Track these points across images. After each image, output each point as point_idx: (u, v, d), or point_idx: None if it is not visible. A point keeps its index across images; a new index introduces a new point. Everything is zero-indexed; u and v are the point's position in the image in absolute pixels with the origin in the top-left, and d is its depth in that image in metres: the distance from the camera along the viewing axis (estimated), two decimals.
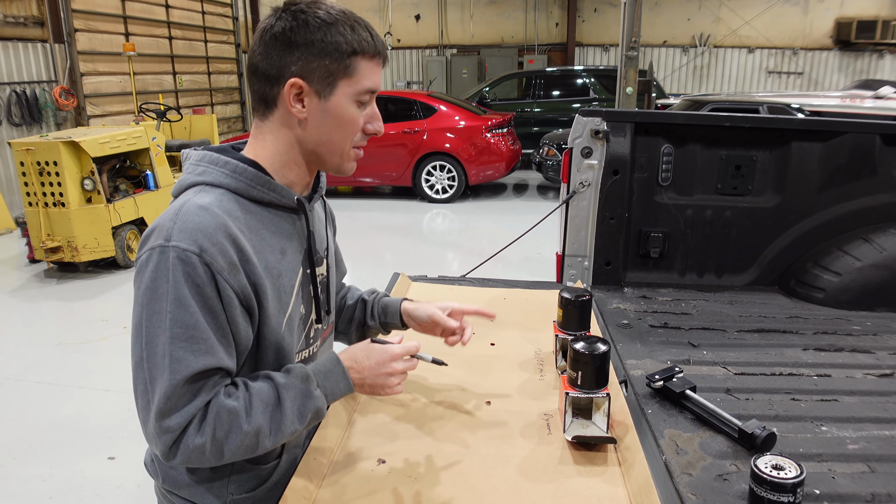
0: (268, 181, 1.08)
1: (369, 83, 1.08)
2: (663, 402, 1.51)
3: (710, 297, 2.32)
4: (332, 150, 1.11)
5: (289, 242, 1.13)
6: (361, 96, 1.08)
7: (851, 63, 13.31)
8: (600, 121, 2.32)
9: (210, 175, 1.07)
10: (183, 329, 0.96)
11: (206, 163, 1.09)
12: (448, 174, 8.76)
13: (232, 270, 1.00)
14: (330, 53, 1.04)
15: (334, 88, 1.06)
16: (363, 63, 1.07)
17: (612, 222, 2.38)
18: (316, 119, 1.08)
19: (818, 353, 1.83)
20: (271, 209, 1.11)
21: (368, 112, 1.12)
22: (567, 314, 1.55)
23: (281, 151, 1.11)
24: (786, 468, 1.08)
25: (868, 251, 2.26)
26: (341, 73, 1.05)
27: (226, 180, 1.06)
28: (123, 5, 10.22)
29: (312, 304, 1.21)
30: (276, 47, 1.04)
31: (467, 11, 14.21)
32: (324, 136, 1.09)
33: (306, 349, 1.22)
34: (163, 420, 0.96)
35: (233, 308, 1.01)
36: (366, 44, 1.06)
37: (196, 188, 1.06)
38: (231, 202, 1.05)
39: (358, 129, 1.11)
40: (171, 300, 0.96)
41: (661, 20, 13.55)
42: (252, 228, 1.06)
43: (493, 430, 1.34)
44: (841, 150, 2.31)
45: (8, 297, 5.42)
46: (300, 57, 1.04)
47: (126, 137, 5.93)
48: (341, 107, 1.07)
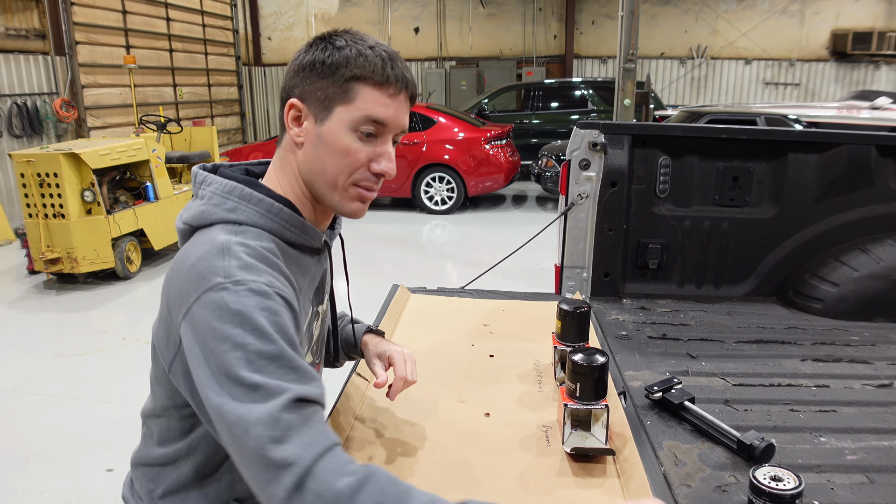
0: (301, 223, 1.04)
1: (371, 112, 0.99)
2: (662, 413, 1.51)
3: (709, 308, 2.33)
4: (325, 180, 1.02)
5: (307, 282, 1.09)
6: (361, 125, 0.99)
7: (848, 74, 13.39)
8: (598, 133, 2.33)
9: (243, 213, 1.00)
10: (269, 360, 0.85)
11: (236, 198, 1.00)
12: (447, 185, 8.78)
13: (290, 299, 0.94)
14: (329, 76, 0.99)
15: (330, 113, 0.99)
16: (366, 90, 0.99)
17: (611, 234, 2.39)
18: (311, 144, 1.02)
19: (816, 364, 1.83)
20: (298, 250, 1.06)
21: (377, 149, 1.02)
22: (566, 326, 1.56)
23: (292, 182, 1.06)
24: (784, 479, 1.08)
25: (865, 262, 2.27)
26: (339, 97, 0.99)
27: (261, 220, 1.00)
28: (124, 18, 10.28)
29: (310, 341, 1.16)
30: (291, 72, 1.03)
31: (466, 24, 14.30)
32: (317, 164, 1.02)
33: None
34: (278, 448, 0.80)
35: (300, 329, 0.97)
36: (371, 70, 0.98)
37: (227, 226, 0.98)
38: (269, 241, 0.99)
39: (357, 162, 1.01)
40: (252, 332, 0.85)
41: (659, 32, 13.64)
42: (285, 272, 1.00)
43: (491, 442, 1.34)
44: (837, 162, 2.33)
45: (7, 309, 5.42)
46: (304, 78, 1.01)
47: (126, 149, 5.95)
48: (335, 134, 0.99)
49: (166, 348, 0.99)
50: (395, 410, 1.46)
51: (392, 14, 14.33)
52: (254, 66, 14.73)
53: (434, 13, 14.29)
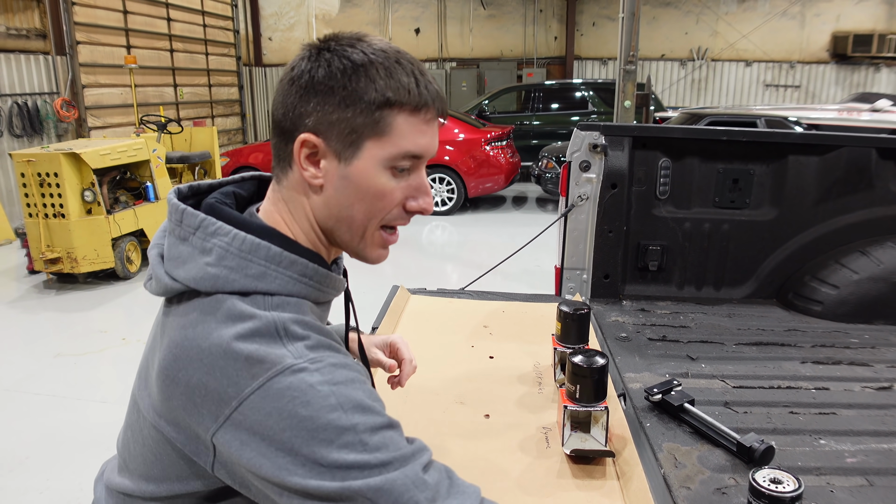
0: (330, 278, 0.88)
1: (409, 145, 0.82)
2: (662, 415, 1.51)
3: (709, 311, 2.33)
4: (353, 228, 0.86)
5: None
6: (398, 161, 0.83)
7: (848, 76, 13.40)
8: (598, 135, 2.33)
9: (274, 281, 0.81)
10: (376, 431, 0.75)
11: (262, 260, 0.81)
12: (447, 186, 8.78)
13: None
14: (354, 104, 0.80)
15: (358, 150, 0.82)
16: (401, 119, 0.81)
17: (611, 235, 2.39)
18: (334, 187, 0.84)
19: (816, 367, 1.83)
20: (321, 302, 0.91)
21: (412, 183, 0.86)
22: (566, 327, 1.56)
23: (303, 227, 0.88)
24: (784, 482, 1.08)
25: (866, 264, 2.27)
26: (369, 129, 0.81)
27: (296, 287, 0.83)
28: (125, 18, 10.29)
29: None
30: (292, 93, 0.83)
31: (467, 25, 14.31)
32: (343, 209, 0.85)
33: None
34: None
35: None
36: (404, 92, 0.81)
37: (256, 298, 0.80)
38: (310, 314, 0.83)
39: (392, 204, 0.85)
40: (351, 409, 0.73)
41: (659, 34, 13.65)
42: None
43: (491, 444, 1.34)
44: (837, 164, 2.33)
45: (7, 308, 5.42)
46: (317, 106, 0.81)
47: (127, 149, 5.95)
48: (367, 174, 0.82)
49: (187, 442, 0.80)
50: (395, 411, 1.46)
51: (393, 15, 14.34)
52: (254, 67, 14.75)
53: (435, 14, 14.30)
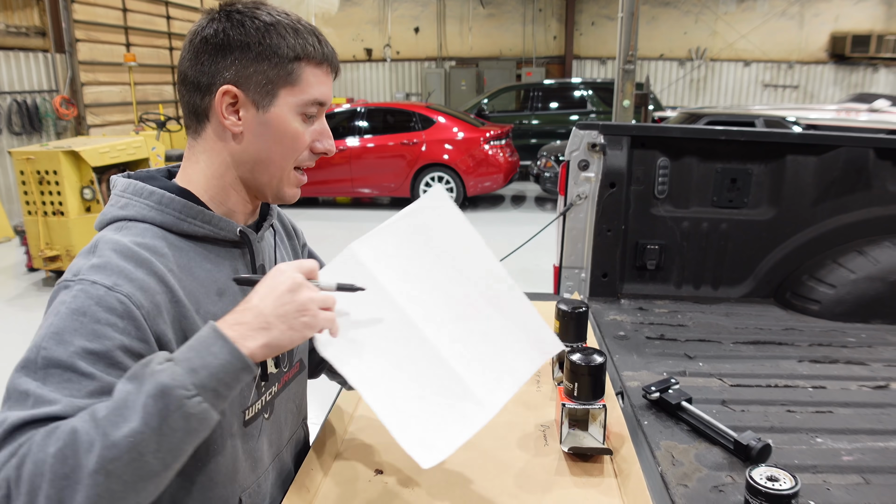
0: (200, 212, 0.94)
1: (316, 93, 0.96)
2: (659, 413, 1.52)
3: (707, 309, 2.33)
4: (272, 170, 0.97)
5: (230, 281, 0.98)
6: (307, 108, 0.96)
7: (846, 77, 13.42)
8: (597, 134, 2.34)
9: (133, 208, 0.93)
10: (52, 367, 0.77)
11: (129, 194, 0.94)
12: (446, 185, 8.78)
13: (153, 312, 0.83)
14: (269, 58, 0.92)
15: (275, 98, 0.93)
16: (308, 70, 0.94)
17: (609, 234, 2.40)
18: (253, 133, 0.95)
19: (813, 365, 1.84)
20: (209, 244, 0.97)
21: (316, 128, 0.99)
22: (564, 326, 1.56)
23: (216, 174, 0.97)
24: (781, 479, 1.09)
25: (863, 263, 2.28)
26: (282, 80, 0.93)
27: (150, 213, 0.92)
28: (125, 16, 10.28)
29: None
30: (206, 51, 0.92)
31: (466, 24, 14.31)
32: (262, 152, 0.96)
33: (258, 400, 1.03)
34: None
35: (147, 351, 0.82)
36: (311, 48, 0.94)
37: (117, 224, 0.92)
38: (157, 238, 0.91)
39: (303, 146, 0.97)
40: (51, 334, 0.79)
41: (658, 34, 13.66)
42: (182, 267, 0.92)
43: (489, 441, 1.34)
44: (835, 164, 2.34)
45: (6, 306, 5.42)
46: (234, 61, 0.92)
47: (126, 147, 5.95)
48: (283, 119, 0.94)
49: None
50: None
51: (392, 14, 14.34)
52: None
53: (434, 13, 14.30)
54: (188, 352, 0.78)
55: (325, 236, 7.67)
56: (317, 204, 9.61)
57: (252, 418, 1.02)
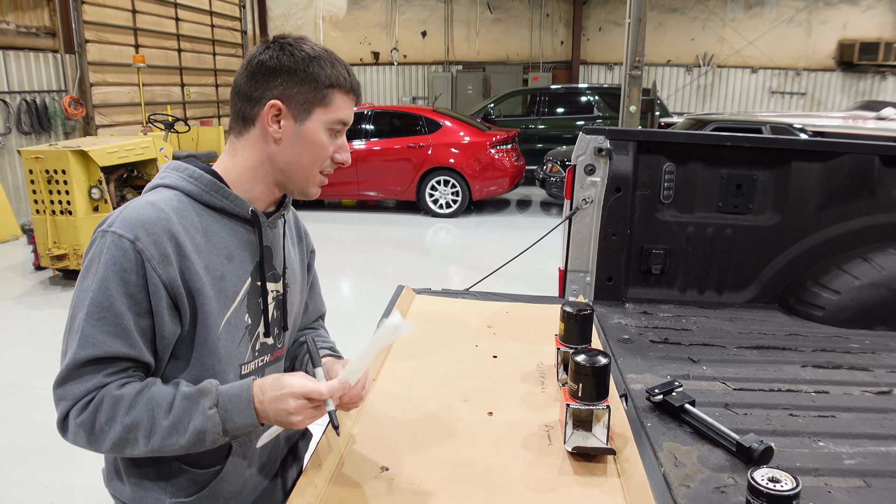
0: (222, 188, 1.16)
1: (342, 115, 1.18)
2: (663, 415, 1.53)
3: (711, 314, 2.34)
4: (301, 171, 1.19)
5: (239, 250, 1.18)
6: (334, 125, 1.18)
7: (854, 84, 13.39)
8: (603, 139, 2.35)
9: (169, 178, 1.16)
10: (98, 308, 1.03)
11: (170, 169, 1.18)
12: (452, 189, 8.80)
13: (163, 262, 1.05)
14: (310, 83, 1.14)
15: (310, 115, 1.16)
16: (339, 96, 1.17)
17: (615, 239, 2.41)
18: (289, 140, 1.16)
19: (816, 370, 1.85)
20: (226, 217, 1.17)
21: (339, 142, 1.21)
22: (569, 328, 1.58)
23: (252, 167, 1.19)
24: (782, 481, 1.10)
25: (867, 270, 2.28)
26: (318, 101, 1.15)
27: (181, 183, 1.15)
28: (134, 18, 10.35)
29: (261, 316, 1.23)
30: (261, 72, 1.14)
31: (473, 28, 14.34)
32: (294, 157, 1.17)
33: (252, 361, 1.23)
34: (59, 388, 1.04)
35: (158, 298, 1.06)
36: (343, 80, 1.17)
37: (156, 189, 1.15)
38: (184, 203, 1.13)
39: (327, 155, 1.19)
40: (97, 280, 1.04)
41: (666, 40, 13.66)
42: (200, 229, 1.13)
43: (494, 441, 1.36)
44: (840, 171, 2.34)
45: (13, 304, 5.46)
46: (282, 82, 1.14)
47: (134, 147, 5.99)
48: (314, 132, 1.16)
49: None
50: (400, 408, 1.48)
51: (400, 17, 14.38)
52: None
53: (441, 17, 14.33)
54: (228, 403, 1.06)
55: (331, 238, 7.69)
56: (323, 206, 9.64)
57: (246, 375, 1.22)
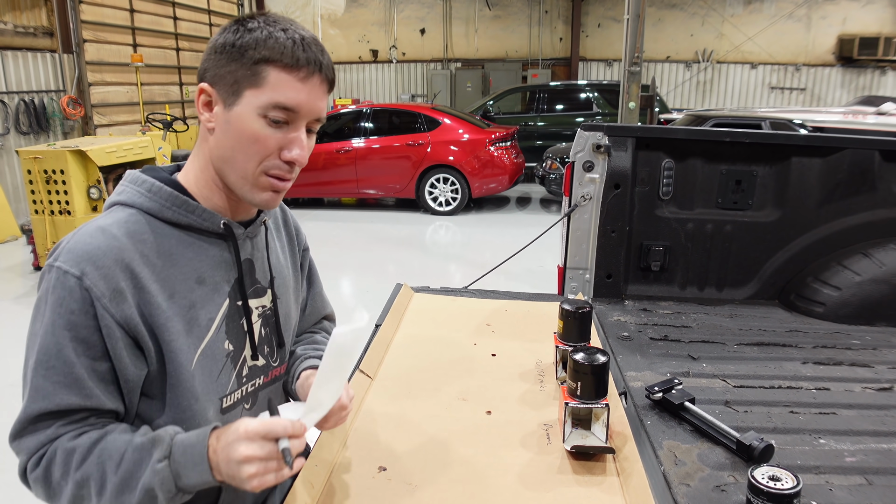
0: (185, 202, 1.00)
1: (281, 97, 0.95)
2: (662, 413, 1.52)
3: (711, 311, 2.33)
4: (236, 169, 0.99)
5: (212, 271, 1.03)
6: (270, 111, 0.95)
7: (854, 79, 13.37)
8: (602, 135, 2.34)
9: (126, 195, 1.01)
10: (46, 357, 0.91)
11: (127, 182, 1.02)
12: (451, 187, 8.79)
13: (116, 298, 0.91)
14: (237, 58, 0.95)
15: (238, 97, 0.96)
16: (275, 73, 0.95)
17: (614, 235, 2.40)
18: (221, 130, 0.98)
19: (817, 367, 1.84)
20: (194, 234, 1.02)
21: (288, 135, 0.98)
22: (567, 325, 1.57)
23: (202, 168, 1.03)
24: (783, 479, 1.09)
25: (868, 266, 2.27)
26: (247, 81, 0.95)
27: (139, 199, 0.99)
28: (132, 17, 10.33)
29: (245, 339, 1.09)
30: (205, 54, 1.01)
31: (472, 26, 14.32)
32: (225, 150, 0.99)
33: (238, 389, 1.09)
34: (13, 441, 0.95)
35: (114, 340, 0.92)
36: (280, 52, 0.94)
37: (112, 208, 1.01)
38: (142, 223, 0.98)
39: (266, 150, 0.97)
40: (44, 324, 0.92)
41: (665, 36, 13.64)
42: (163, 253, 0.98)
43: (492, 439, 1.35)
44: (840, 166, 2.33)
45: (12, 304, 5.45)
46: (214, 62, 0.98)
47: (132, 147, 5.99)
48: (243, 119, 0.96)
49: None
50: (398, 407, 1.47)
51: (398, 15, 14.35)
52: None
53: (440, 14, 14.31)
54: (181, 456, 0.90)
55: (331, 237, 7.68)
56: (322, 205, 9.63)
57: (231, 406, 1.08)
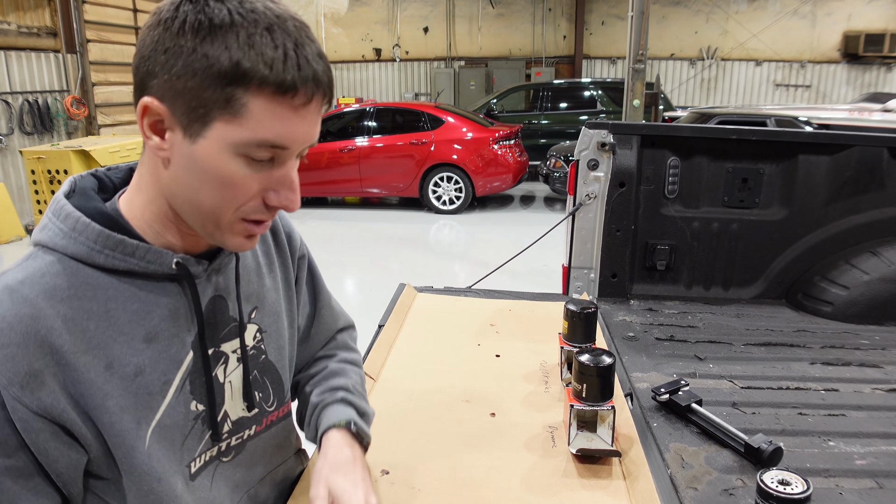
0: (120, 242, 0.75)
1: (266, 133, 0.69)
2: (669, 415, 1.50)
3: (717, 311, 2.31)
4: (202, 214, 0.74)
5: (166, 323, 0.80)
6: (251, 150, 0.70)
7: (859, 76, 13.30)
8: (607, 133, 2.32)
9: (47, 232, 0.76)
10: None
11: (50, 216, 0.77)
12: (455, 185, 8.78)
13: (29, 384, 0.69)
14: (202, 72, 0.66)
15: (205, 127, 0.69)
16: (258, 101, 0.67)
17: (619, 234, 2.38)
18: (181, 164, 0.72)
19: (826, 368, 1.82)
20: (136, 279, 0.78)
21: (274, 175, 0.73)
22: (572, 326, 1.55)
23: (149, 199, 0.77)
24: (792, 483, 1.07)
25: (876, 264, 2.25)
26: (218, 107, 0.67)
27: (62, 241, 0.74)
28: (135, 16, 10.35)
29: (223, 391, 0.89)
30: (146, 43, 0.69)
31: (475, 24, 14.30)
32: (189, 191, 0.73)
33: (213, 447, 0.89)
34: None
35: (32, 434, 0.70)
36: (265, 68, 0.66)
37: (31, 252, 0.77)
38: (62, 276, 0.73)
39: (246, 195, 0.73)
40: None
41: (669, 33, 13.59)
42: (94, 313, 0.74)
43: (497, 442, 1.33)
44: (848, 164, 2.31)
45: None
46: (164, 68, 0.67)
47: (136, 147, 6.00)
48: (213, 157, 0.70)
49: None
50: (401, 409, 1.46)
51: (401, 14, 14.34)
52: None
53: (443, 13, 14.30)
54: None
55: (334, 236, 7.68)
56: (325, 204, 9.63)
57: (200, 468, 0.88)
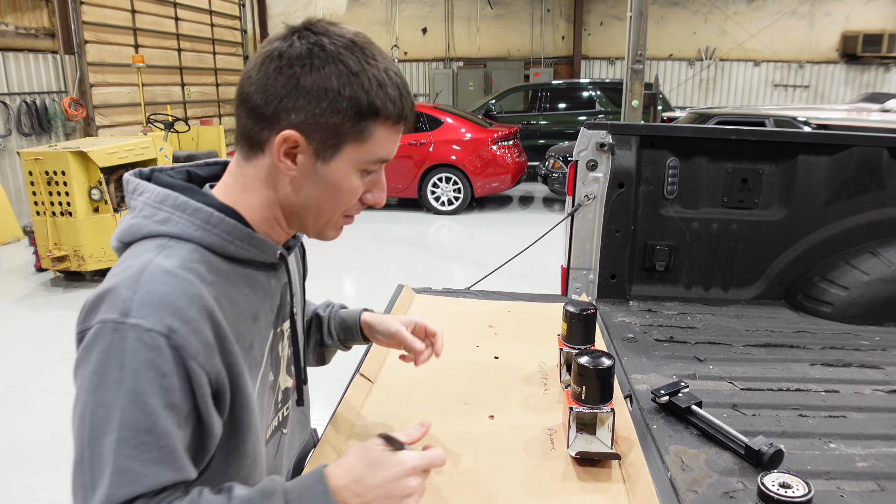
0: (249, 235, 0.89)
1: (383, 152, 0.89)
2: (668, 417, 1.49)
3: (717, 311, 2.30)
4: (319, 216, 0.93)
5: (262, 304, 0.94)
6: (370, 165, 0.90)
7: (858, 76, 13.32)
8: (606, 133, 2.31)
9: (176, 225, 0.85)
10: (135, 433, 0.75)
11: (169, 207, 0.86)
12: (454, 186, 8.77)
13: (207, 353, 0.79)
14: (343, 110, 0.84)
15: (338, 152, 0.86)
16: (381, 129, 0.87)
17: (618, 235, 2.38)
18: (307, 181, 0.88)
19: (826, 369, 1.81)
20: (248, 267, 0.92)
21: (372, 179, 0.94)
22: (571, 328, 1.54)
23: (264, 205, 0.92)
24: (793, 486, 1.07)
25: (876, 265, 2.24)
26: (352, 136, 0.86)
27: (196, 233, 0.85)
28: (133, 18, 10.32)
29: (280, 364, 1.04)
30: (279, 82, 0.83)
31: (474, 25, 14.30)
32: (312, 201, 0.90)
33: (275, 417, 1.05)
34: None
35: (206, 400, 0.80)
36: (391, 106, 0.86)
37: (156, 241, 0.84)
38: (201, 262, 0.84)
39: (355, 198, 0.92)
40: (125, 394, 0.75)
41: (667, 33, 13.60)
42: (225, 294, 0.86)
43: (495, 445, 1.32)
44: (848, 164, 2.30)
45: (14, 306, 5.44)
46: (306, 105, 0.83)
47: (134, 148, 5.97)
48: (341, 175, 0.88)
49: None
50: (399, 411, 1.45)
51: (400, 14, 14.34)
52: None
53: (442, 13, 14.29)
54: (299, 500, 0.80)
55: None
56: None
57: (269, 436, 1.03)
